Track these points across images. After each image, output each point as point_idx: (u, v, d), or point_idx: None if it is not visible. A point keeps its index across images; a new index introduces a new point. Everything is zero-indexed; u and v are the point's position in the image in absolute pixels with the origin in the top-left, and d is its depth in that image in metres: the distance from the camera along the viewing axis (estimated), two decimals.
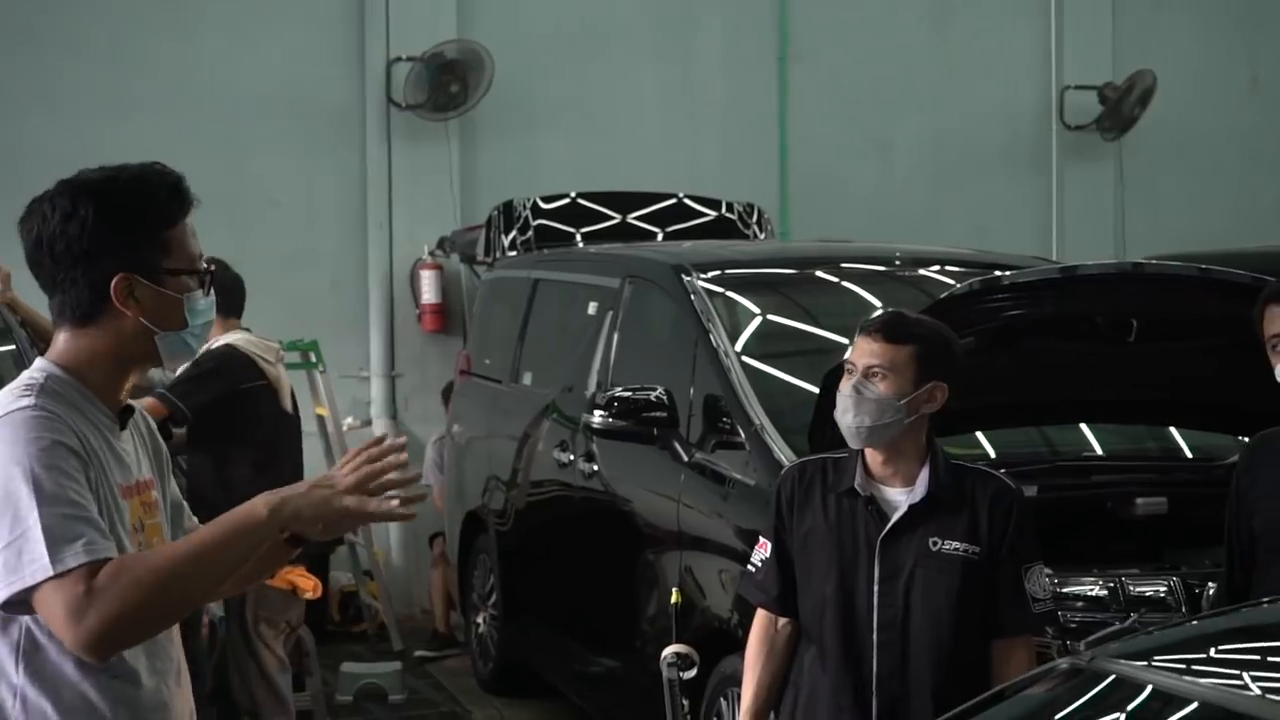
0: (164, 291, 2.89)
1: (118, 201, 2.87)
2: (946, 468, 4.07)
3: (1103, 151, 12.82)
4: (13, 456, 2.69)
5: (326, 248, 11.05)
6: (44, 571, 2.62)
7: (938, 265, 7.32)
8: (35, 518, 2.64)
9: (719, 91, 11.97)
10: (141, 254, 2.87)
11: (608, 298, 7.49)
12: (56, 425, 2.75)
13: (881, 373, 4.00)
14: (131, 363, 2.95)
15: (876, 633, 3.96)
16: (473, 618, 8.92)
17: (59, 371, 2.88)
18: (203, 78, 10.70)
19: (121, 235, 2.86)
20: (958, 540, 3.96)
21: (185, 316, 2.92)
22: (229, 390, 6.50)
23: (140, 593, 2.64)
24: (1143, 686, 2.43)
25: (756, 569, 4.20)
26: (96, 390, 2.90)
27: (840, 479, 4.08)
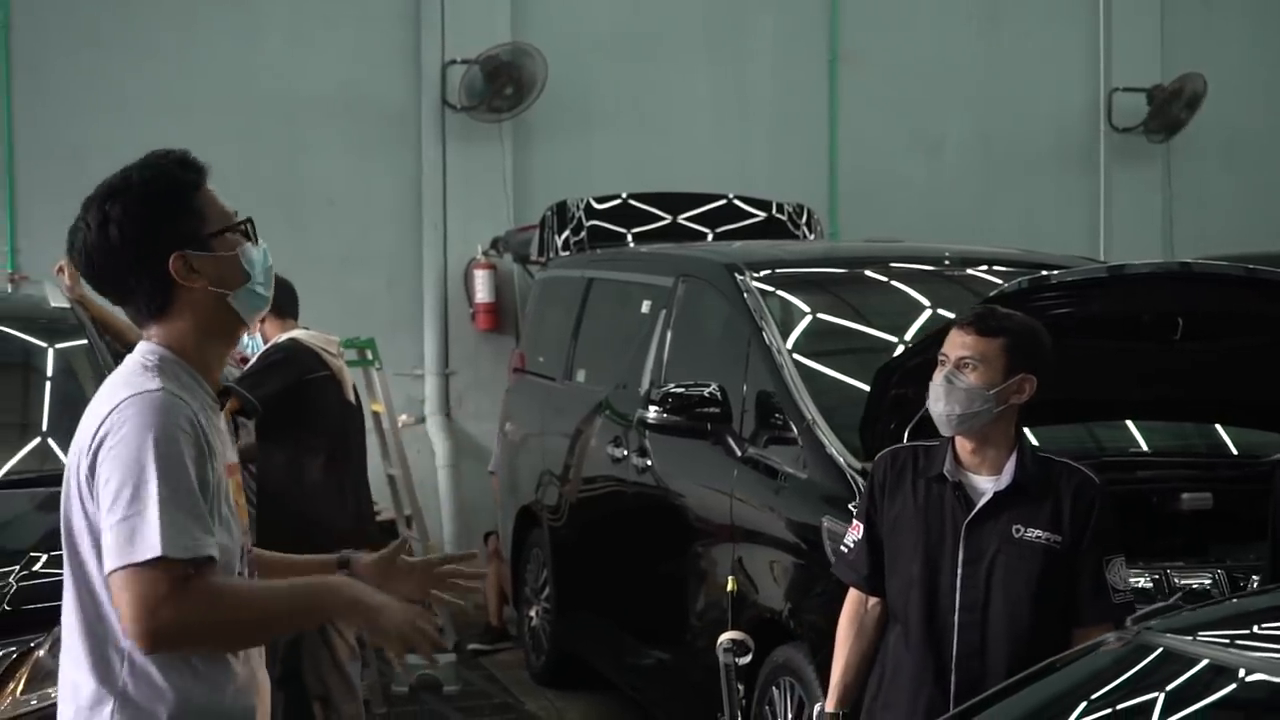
0: (218, 255, 2.97)
1: (140, 191, 2.96)
2: (1033, 458, 4.20)
3: (1150, 153, 12.88)
4: (146, 436, 2.79)
5: (382, 247, 11.22)
6: (153, 551, 2.73)
7: (986, 265, 7.41)
8: (155, 501, 2.75)
9: (769, 92, 12.09)
10: (181, 228, 2.95)
11: (661, 296, 7.61)
12: (184, 410, 2.85)
13: (973, 364, 4.14)
14: (219, 335, 3.04)
15: (958, 614, 4.08)
16: (526, 611, 9.05)
17: (167, 352, 2.97)
18: (263, 80, 10.89)
19: (157, 219, 2.95)
20: (1040, 529, 4.08)
21: (245, 269, 3.00)
22: (296, 380, 6.66)
23: (215, 617, 2.79)
24: (1189, 659, 2.54)
25: (849, 550, 4.35)
26: (200, 370, 2.99)
27: (930, 465, 4.22)
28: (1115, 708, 2.62)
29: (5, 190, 10.42)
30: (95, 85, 10.53)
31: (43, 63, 10.46)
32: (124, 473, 2.79)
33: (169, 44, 10.72)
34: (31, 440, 6.51)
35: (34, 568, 5.27)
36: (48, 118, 10.44)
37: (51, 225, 10.41)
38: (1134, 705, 2.57)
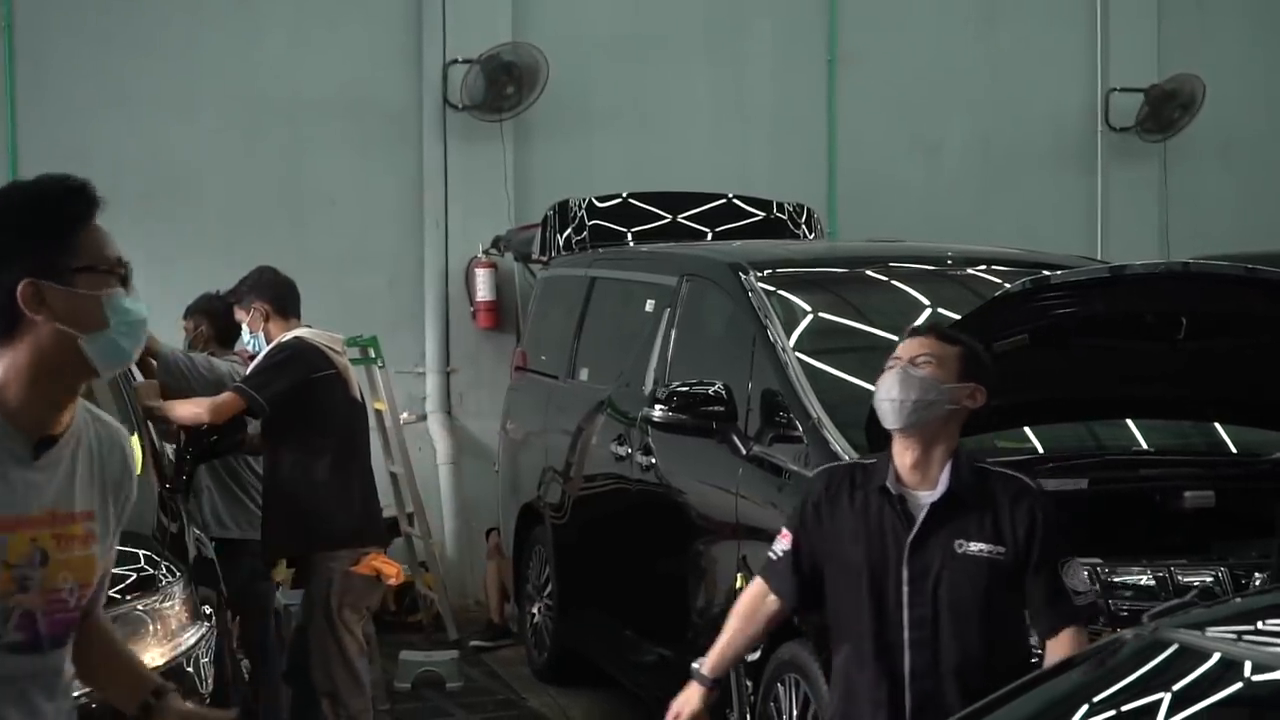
0: (76, 291, 2.74)
1: (13, 212, 2.77)
2: (969, 468, 4.13)
3: (1148, 153, 12.94)
4: None
5: (384, 246, 11.26)
6: None
7: (987, 265, 7.47)
8: None
9: (769, 94, 12.15)
10: (46, 258, 2.73)
11: (665, 295, 7.66)
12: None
13: (929, 359, 4.10)
14: (59, 378, 2.78)
15: (908, 632, 4.03)
16: (528, 608, 9.10)
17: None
18: (265, 79, 10.92)
19: (18, 239, 2.74)
20: (982, 542, 4.02)
21: (106, 314, 2.76)
22: (303, 380, 6.68)
23: None
24: (1205, 654, 2.58)
25: (777, 557, 4.28)
26: (13, 414, 2.76)
27: (870, 479, 4.13)
28: (1131, 704, 2.67)
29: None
30: (98, 84, 10.56)
31: (46, 61, 10.49)
32: None
33: (172, 43, 10.76)
34: None
35: None
36: (51, 117, 10.47)
37: None
38: (1149, 701, 2.61)
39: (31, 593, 2.79)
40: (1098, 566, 5.41)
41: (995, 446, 6.25)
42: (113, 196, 2.92)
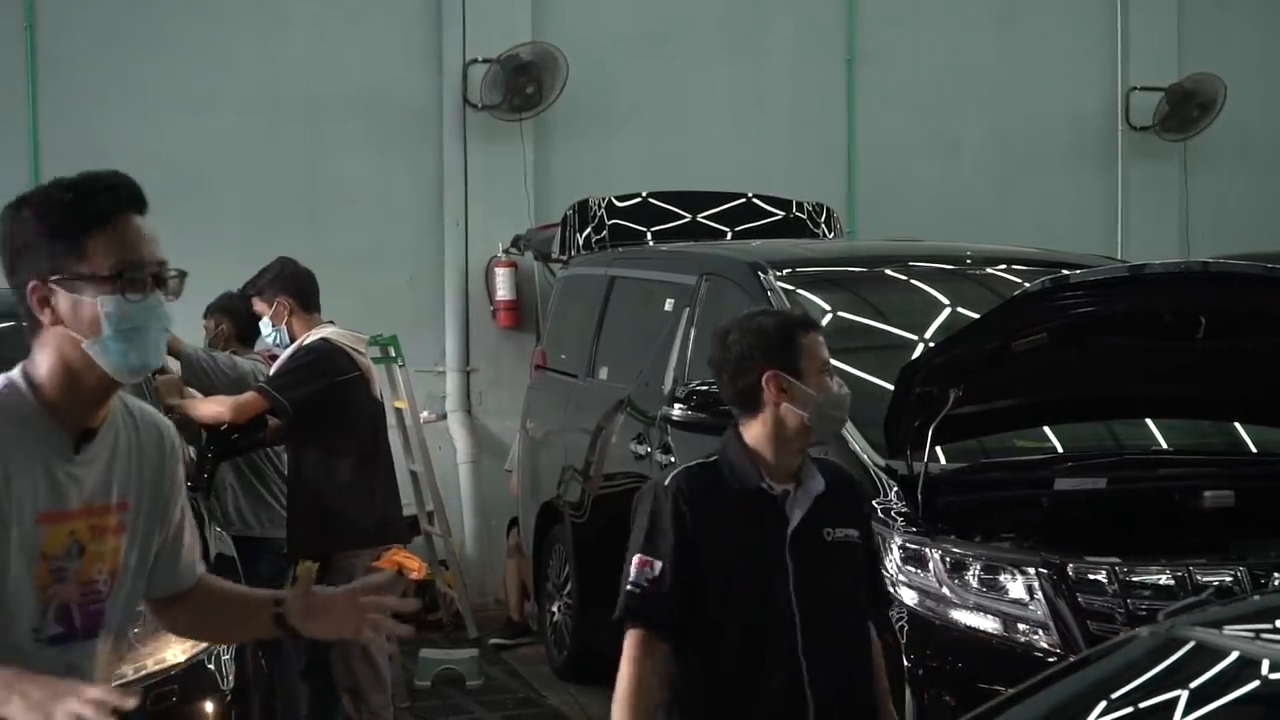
0: (79, 298, 2.78)
1: (33, 210, 2.81)
2: (818, 460, 4.05)
3: (1167, 151, 12.93)
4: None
5: (404, 245, 11.29)
6: None
7: (1006, 264, 7.48)
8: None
9: (788, 92, 12.16)
10: (54, 259, 2.78)
11: (684, 295, 7.68)
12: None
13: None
14: (80, 377, 2.83)
15: (800, 625, 3.83)
16: (547, 606, 9.12)
17: (21, 384, 2.84)
18: (285, 79, 10.96)
19: (32, 242, 2.80)
20: (844, 527, 3.95)
21: (100, 321, 2.79)
22: (328, 383, 6.70)
23: None
24: (1221, 652, 2.59)
25: (643, 588, 3.80)
26: (53, 408, 2.83)
27: (739, 480, 3.91)
28: (1146, 701, 2.68)
29: (30, 188, 10.47)
30: (119, 84, 10.61)
31: (67, 62, 10.54)
32: None
33: (192, 43, 10.80)
34: None
35: None
36: (72, 117, 10.51)
37: None
38: (1165, 699, 2.63)
39: (68, 584, 2.85)
40: (1116, 566, 5.42)
41: (1015, 445, 6.28)
42: None
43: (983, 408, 5.86)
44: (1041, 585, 5.36)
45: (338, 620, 3.10)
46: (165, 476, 3.04)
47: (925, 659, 5.45)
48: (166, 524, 3.06)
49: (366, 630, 3.07)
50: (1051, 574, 5.38)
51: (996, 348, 5.60)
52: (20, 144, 10.45)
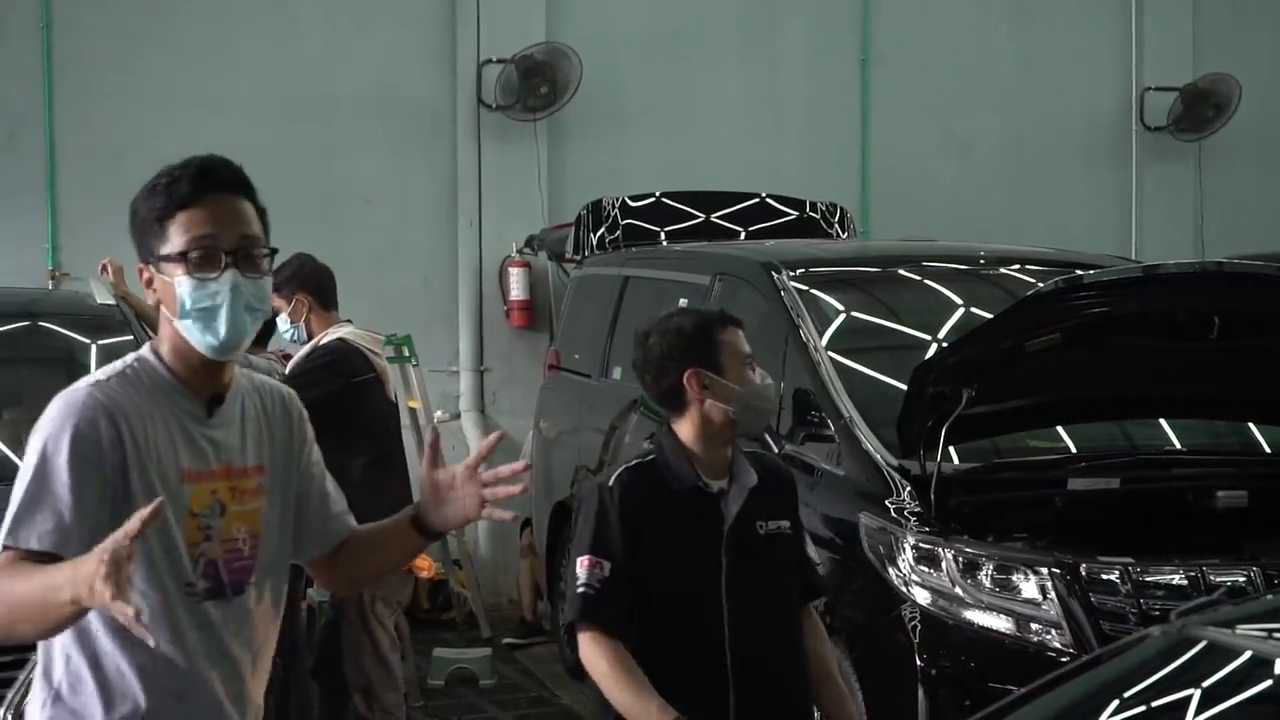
0: (165, 279, 2.97)
1: (144, 196, 3.02)
2: (749, 454, 4.11)
3: (1182, 152, 12.91)
4: (44, 432, 2.87)
5: (418, 245, 11.31)
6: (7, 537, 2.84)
7: (1020, 264, 7.47)
8: (27, 488, 2.84)
9: (802, 92, 12.16)
10: (148, 242, 2.99)
11: (698, 294, 7.67)
12: (101, 411, 2.87)
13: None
14: (187, 351, 3.00)
15: (728, 621, 3.90)
16: (560, 605, 9.12)
17: (152, 359, 3.03)
18: (300, 79, 10.98)
19: (137, 228, 3.01)
20: (776, 519, 4.01)
21: (178, 300, 2.95)
22: (343, 385, 6.70)
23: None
24: (1232, 651, 2.60)
25: (595, 589, 3.85)
26: (184, 379, 3.01)
27: (677, 478, 3.99)
28: (1158, 700, 2.68)
29: (46, 188, 10.53)
30: (135, 84, 10.64)
31: (83, 63, 10.57)
32: (27, 462, 2.88)
33: (208, 43, 10.82)
34: None
35: None
36: (88, 116, 10.55)
37: (91, 223, 10.61)
38: (1177, 698, 2.63)
39: (214, 542, 3.01)
40: (1130, 566, 5.42)
41: (1028, 446, 6.28)
42: None
43: (996, 408, 5.86)
44: (1054, 585, 5.36)
45: (464, 503, 3.18)
46: (294, 438, 3.21)
47: (938, 659, 5.45)
48: (306, 482, 3.24)
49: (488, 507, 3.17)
50: (1064, 574, 5.38)
51: (1010, 348, 5.60)
52: (36, 143, 10.49)
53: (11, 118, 10.50)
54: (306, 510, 3.26)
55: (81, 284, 8.63)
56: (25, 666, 4.98)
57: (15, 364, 7.21)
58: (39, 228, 10.52)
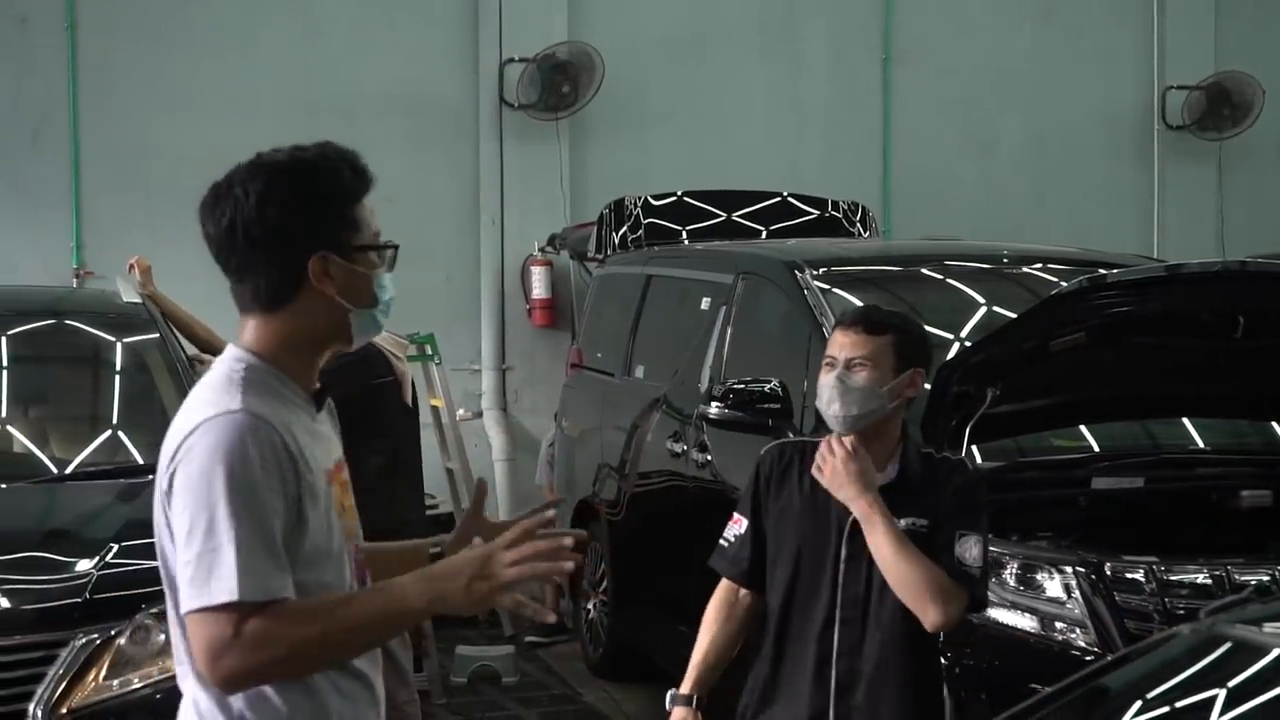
0: (356, 269, 2.86)
1: (310, 181, 2.85)
2: (918, 455, 4.14)
3: (1204, 151, 12.89)
4: (219, 466, 2.68)
5: (441, 244, 11.33)
6: (229, 595, 2.63)
7: (1043, 263, 7.47)
8: (230, 540, 2.65)
9: (824, 92, 12.17)
10: (334, 232, 2.85)
11: (721, 293, 7.69)
12: (266, 432, 2.73)
13: (862, 363, 4.05)
14: (325, 343, 2.93)
15: (840, 609, 4.01)
16: (583, 604, 9.15)
17: (256, 360, 2.87)
18: (323, 78, 11.01)
19: (316, 214, 2.84)
20: (912, 516, 4.01)
21: (375, 293, 2.89)
22: (361, 387, 6.70)
23: (285, 652, 2.67)
24: (1261, 648, 2.61)
25: (730, 543, 4.24)
26: (293, 375, 2.90)
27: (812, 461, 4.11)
28: (1188, 698, 2.69)
29: (71, 187, 10.58)
30: (159, 84, 10.68)
31: (107, 62, 10.61)
32: (196, 505, 2.68)
33: (231, 43, 10.86)
34: (102, 433, 6.65)
35: (111, 558, 5.41)
36: (112, 116, 10.60)
37: (116, 222, 10.65)
38: (1207, 695, 2.64)
39: (351, 541, 2.97)
40: (1154, 565, 5.42)
41: (1052, 445, 6.28)
42: (173, 195, 3.01)
43: (1020, 407, 5.87)
44: (1079, 584, 5.36)
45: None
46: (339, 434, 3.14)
47: (963, 657, 5.45)
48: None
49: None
50: (1089, 573, 5.38)
51: (1034, 347, 5.61)
52: (61, 143, 10.54)
53: (36, 117, 10.55)
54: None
55: (106, 282, 8.67)
56: (55, 662, 5.04)
57: (42, 362, 7.24)
58: (64, 226, 10.57)
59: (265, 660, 2.67)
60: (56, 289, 9.23)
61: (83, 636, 5.10)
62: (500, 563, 2.71)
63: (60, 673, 5.04)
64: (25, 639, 5.08)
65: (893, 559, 3.92)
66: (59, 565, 5.45)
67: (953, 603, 3.95)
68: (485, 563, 2.72)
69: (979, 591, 4.03)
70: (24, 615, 5.16)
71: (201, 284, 2.93)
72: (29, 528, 5.81)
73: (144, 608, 5.12)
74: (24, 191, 10.51)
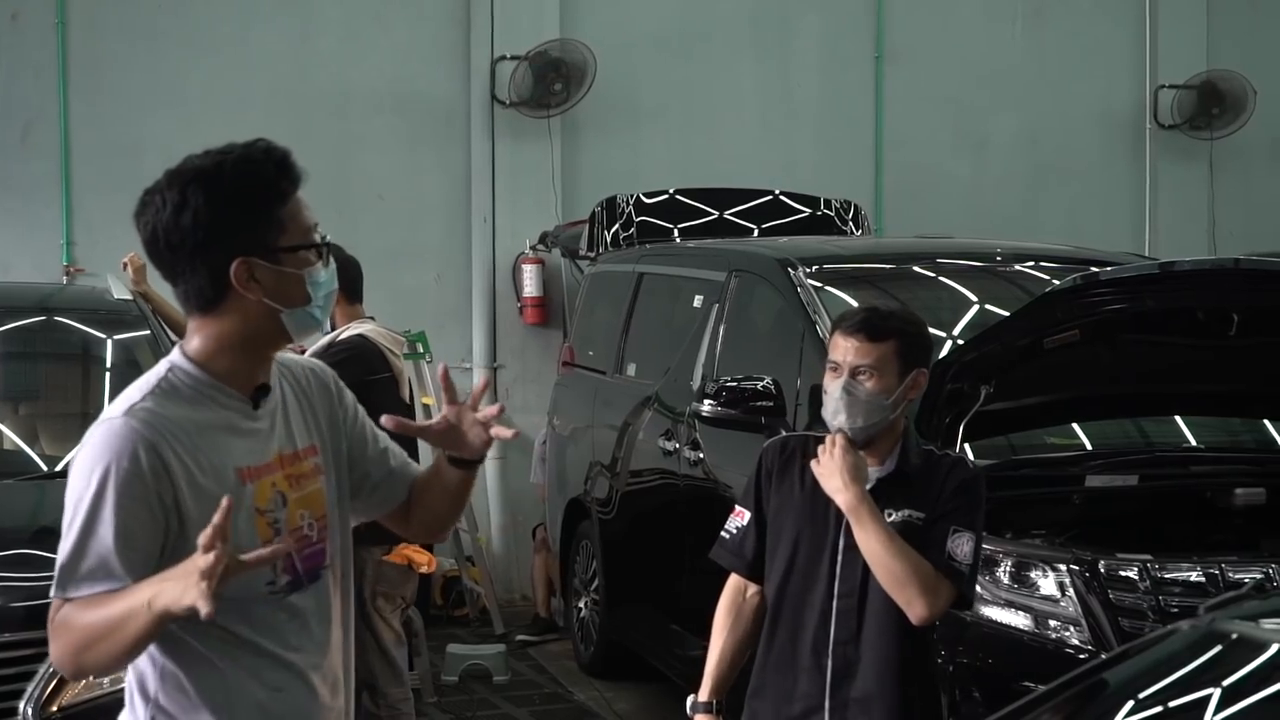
0: (284, 270, 2.87)
1: (227, 186, 2.83)
2: (917, 450, 4.15)
3: (1196, 149, 12.91)
4: (92, 469, 2.77)
5: (432, 241, 11.32)
6: (55, 587, 2.82)
7: (1035, 261, 7.46)
8: (74, 534, 2.78)
9: (815, 90, 12.17)
10: (257, 235, 2.84)
11: (713, 291, 7.68)
12: (142, 439, 2.78)
13: (869, 371, 4.05)
14: (262, 344, 2.95)
15: (836, 600, 4.04)
16: (574, 602, 9.14)
17: (185, 363, 2.92)
18: (315, 76, 11.00)
19: (235, 219, 2.83)
20: (907, 509, 4.04)
21: (308, 291, 2.91)
22: (358, 381, 6.64)
23: (73, 641, 2.78)
24: (1261, 644, 2.60)
25: (731, 535, 4.26)
26: (224, 377, 2.92)
27: (814, 453, 4.12)
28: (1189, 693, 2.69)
29: (61, 185, 10.55)
30: (149, 81, 10.65)
31: (98, 59, 10.59)
32: (69, 502, 2.81)
33: (223, 40, 10.84)
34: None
35: None
36: (102, 113, 10.57)
37: (106, 219, 10.62)
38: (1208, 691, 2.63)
39: (282, 535, 2.95)
40: (1148, 562, 5.41)
41: (1046, 443, 6.28)
42: None
43: (1013, 404, 5.86)
44: (1073, 582, 5.36)
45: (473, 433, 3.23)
46: (336, 407, 3.18)
47: (956, 655, 5.45)
48: (359, 445, 3.21)
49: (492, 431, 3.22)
50: (1083, 570, 5.37)
51: (1027, 344, 5.61)
52: (51, 141, 10.51)
53: (27, 113, 10.52)
54: (367, 469, 3.23)
55: (97, 279, 8.64)
56: (45, 660, 5.02)
57: (32, 359, 7.22)
58: (54, 223, 10.55)
59: (62, 648, 2.79)
60: (47, 285, 9.21)
61: None
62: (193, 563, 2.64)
63: (50, 671, 5.03)
64: (15, 636, 5.06)
65: (879, 552, 3.93)
66: (49, 563, 5.38)
67: (939, 597, 3.96)
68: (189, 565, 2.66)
69: (966, 589, 4.03)
70: (14, 613, 5.13)
71: None
72: (19, 525, 5.79)
73: None
74: (14, 189, 10.48)
